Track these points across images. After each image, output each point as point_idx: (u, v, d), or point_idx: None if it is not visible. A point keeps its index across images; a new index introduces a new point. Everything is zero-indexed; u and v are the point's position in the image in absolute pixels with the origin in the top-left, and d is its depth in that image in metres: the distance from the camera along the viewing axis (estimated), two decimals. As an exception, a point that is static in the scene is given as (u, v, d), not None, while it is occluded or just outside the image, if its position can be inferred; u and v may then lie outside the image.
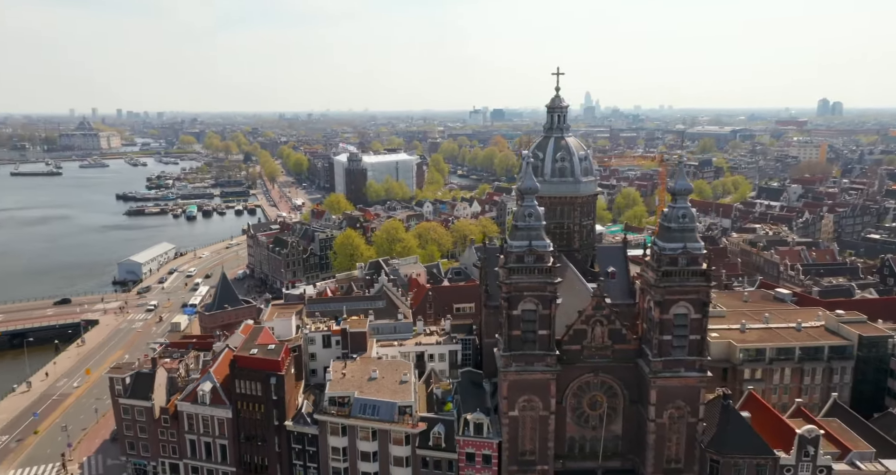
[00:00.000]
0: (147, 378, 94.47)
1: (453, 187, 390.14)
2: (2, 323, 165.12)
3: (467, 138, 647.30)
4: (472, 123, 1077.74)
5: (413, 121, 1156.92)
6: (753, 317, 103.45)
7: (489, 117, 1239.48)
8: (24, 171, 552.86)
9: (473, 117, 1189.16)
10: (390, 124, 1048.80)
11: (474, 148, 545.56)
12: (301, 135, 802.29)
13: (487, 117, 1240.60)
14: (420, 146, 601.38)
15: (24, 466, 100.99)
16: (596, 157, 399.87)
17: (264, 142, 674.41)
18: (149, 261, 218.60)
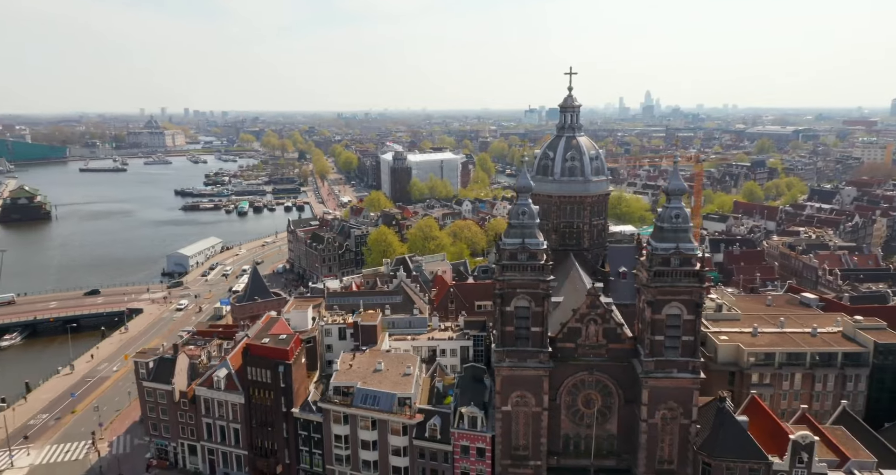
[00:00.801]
0: (169, 363, 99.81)
1: (499, 186, 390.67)
2: (56, 309, 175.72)
3: (518, 137, 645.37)
4: (527, 122, 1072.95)
5: (467, 120, 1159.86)
6: (770, 321, 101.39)
7: (545, 116, 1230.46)
8: (92, 167, 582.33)
9: (529, 116, 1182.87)
10: (444, 123, 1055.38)
11: (523, 147, 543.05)
12: (356, 134, 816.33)
13: (543, 116, 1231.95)
14: (470, 145, 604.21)
15: (59, 442, 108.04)
16: (627, 158, 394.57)
17: (319, 140, 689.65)
18: (195, 254, 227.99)
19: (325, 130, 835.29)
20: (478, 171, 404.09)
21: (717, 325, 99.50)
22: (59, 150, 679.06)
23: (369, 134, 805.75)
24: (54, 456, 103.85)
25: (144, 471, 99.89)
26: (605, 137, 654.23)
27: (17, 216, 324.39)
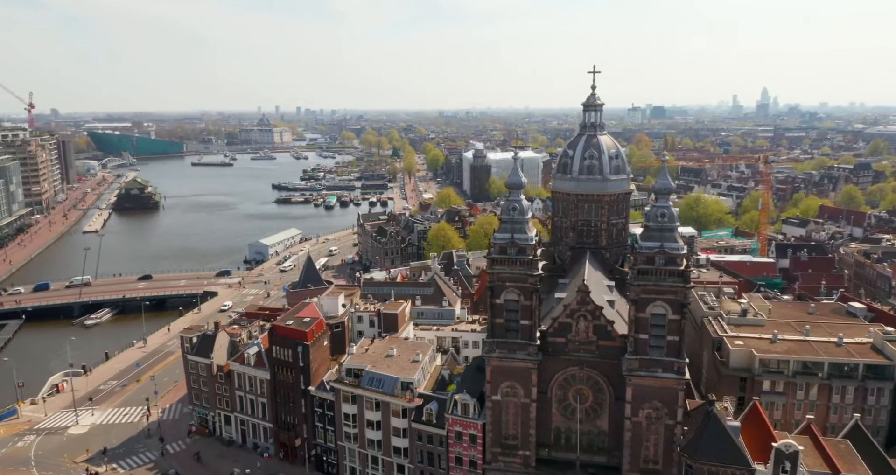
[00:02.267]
0: (209, 340, 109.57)
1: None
2: (144, 289, 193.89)
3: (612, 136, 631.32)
4: (628, 121, 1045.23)
5: (567, 118, 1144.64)
6: (796, 328, 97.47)
7: (648, 115, 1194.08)
8: (203, 161, 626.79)
9: (631, 115, 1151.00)
10: (543, 122, 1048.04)
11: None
12: (451, 132, 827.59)
13: (647, 115, 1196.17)
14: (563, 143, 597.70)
15: (121, 406, 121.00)
16: (694, 158, 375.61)
17: (414, 138, 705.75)
18: (275, 244, 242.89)
19: (422, 128, 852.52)
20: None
21: (739, 330, 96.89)
22: (177, 146, 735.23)
23: (465, 132, 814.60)
24: (114, 417, 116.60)
25: (186, 436, 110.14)
26: (706, 137, 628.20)
27: (129, 205, 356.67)
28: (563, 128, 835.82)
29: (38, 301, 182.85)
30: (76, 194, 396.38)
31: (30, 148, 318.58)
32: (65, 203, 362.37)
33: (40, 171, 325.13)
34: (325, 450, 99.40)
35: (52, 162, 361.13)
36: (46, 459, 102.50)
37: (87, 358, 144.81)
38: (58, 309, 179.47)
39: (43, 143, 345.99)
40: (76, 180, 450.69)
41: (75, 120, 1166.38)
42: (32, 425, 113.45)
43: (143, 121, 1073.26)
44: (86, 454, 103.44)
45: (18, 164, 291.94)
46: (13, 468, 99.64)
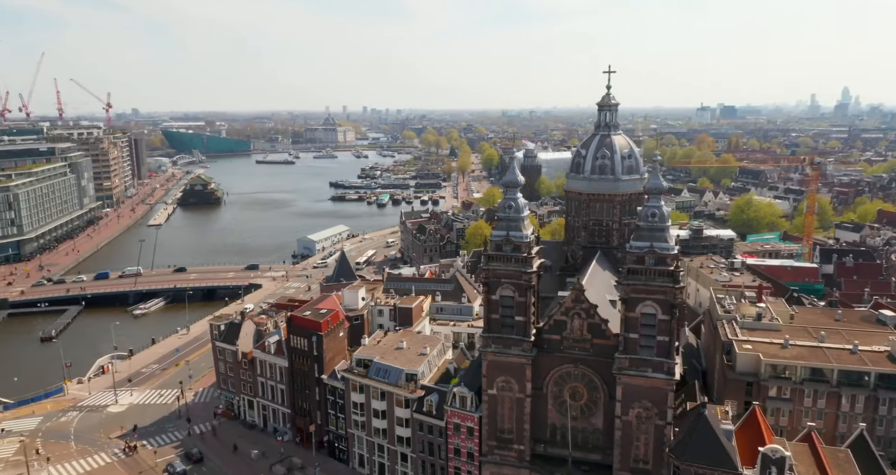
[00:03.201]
0: (236, 328, 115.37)
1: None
2: (195, 280, 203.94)
3: (675, 136, 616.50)
4: (696, 121, 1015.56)
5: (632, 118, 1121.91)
6: (812, 334, 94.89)
7: (718, 114, 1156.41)
8: (267, 159, 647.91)
9: (699, 115, 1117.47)
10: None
11: (673, 146, 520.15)
12: (512, 131, 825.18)
13: (716, 114, 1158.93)
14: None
15: (159, 388, 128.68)
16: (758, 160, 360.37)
17: (472, 138, 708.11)
18: (322, 240, 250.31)
19: (482, 128, 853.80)
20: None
21: (751, 334, 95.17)
22: (245, 144, 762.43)
23: (525, 132, 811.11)
24: (150, 398, 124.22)
25: (213, 418, 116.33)
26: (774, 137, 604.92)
27: (193, 200, 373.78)
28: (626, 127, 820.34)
29: (97, 289, 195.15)
30: (146, 189, 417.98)
31: (102, 145, 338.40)
32: (134, 197, 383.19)
33: (111, 167, 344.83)
34: (336, 437, 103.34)
35: (124, 158, 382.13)
36: (84, 434, 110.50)
37: (136, 342, 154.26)
38: (114, 296, 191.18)
39: (115, 140, 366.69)
40: (147, 176, 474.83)
41: (154, 119, 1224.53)
42: (76, 402, 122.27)
43: (217, 120, 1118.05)
44: (120, 430, 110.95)
45: (90, 161, 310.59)
46: (54, 440, 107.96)
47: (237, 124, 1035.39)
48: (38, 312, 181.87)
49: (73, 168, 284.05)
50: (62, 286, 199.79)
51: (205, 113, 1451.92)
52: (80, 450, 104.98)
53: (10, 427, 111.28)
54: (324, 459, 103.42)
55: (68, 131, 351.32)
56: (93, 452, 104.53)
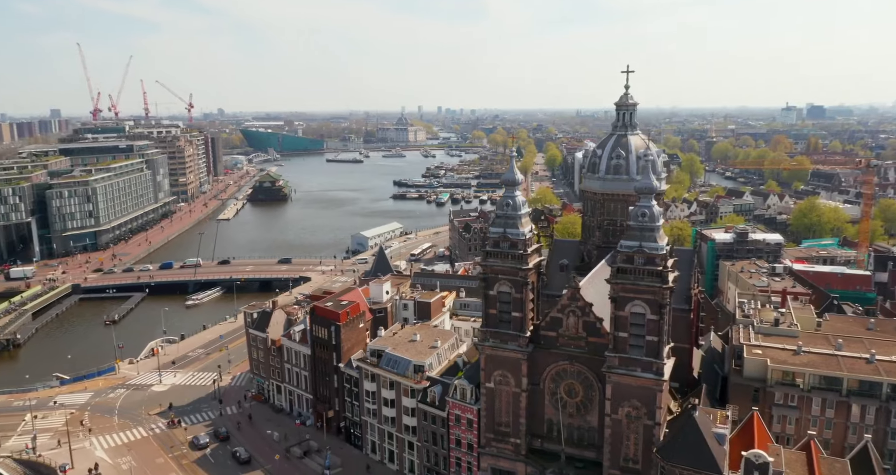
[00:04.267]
0: (266, 316, 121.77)
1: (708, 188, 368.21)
2: (251, 272, 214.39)
3: (752, 138, 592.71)
4: (781, 121, 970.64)
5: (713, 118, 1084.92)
6: (831, 342, 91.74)
7: (805, 115, 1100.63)
8: (338, 158, 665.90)
9: (784, 115, 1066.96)
10: (684, 121, 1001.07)
11: (747, 148, 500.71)
12: (583, 131, 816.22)
13: (803, 114, 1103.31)
14: (696, 145, 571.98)
15: (202, 371, 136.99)
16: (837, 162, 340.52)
17: (541, 138, 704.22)
18: (375, 236, 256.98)
19: (553, 128, 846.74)
20: (680, 171, 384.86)
21: (767, 340, 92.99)
22: (318, 143, 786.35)
23: (598, 132, 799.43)
24: (191, 380, 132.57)
25: (244, 401, 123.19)
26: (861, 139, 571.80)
27: (262, 196, 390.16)
28: (703, 128, 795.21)
29: (161, 277, 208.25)
30: (220, 186, 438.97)
31: (179, 143, 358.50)
32: (208, 193, 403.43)
33: (187, 164, 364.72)
34: (352, 423, 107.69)
35: (199, 156, 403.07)
36: (128, 410, 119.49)
37: (188, 328, 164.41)
38: (175, 285, 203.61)
39: (191, 139, 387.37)
40: (223, 173, 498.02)
41: (237, 119, 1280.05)
42: (125, 381, 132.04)
43: (296, 120, 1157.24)
44: (159, 408, 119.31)
45: (166, 158, 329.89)
46: (100, 414, 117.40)
47: (314, 124, 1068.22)
48: (106, 298, 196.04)
49: (149, 164, 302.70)
50: (130, 274, 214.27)
51: (286, 113, 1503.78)
52: (121, 425, 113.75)
53: (64, 400, 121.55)
54: (340, 444, 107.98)
55: (148, 130, 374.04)
56: (132, 427, 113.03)
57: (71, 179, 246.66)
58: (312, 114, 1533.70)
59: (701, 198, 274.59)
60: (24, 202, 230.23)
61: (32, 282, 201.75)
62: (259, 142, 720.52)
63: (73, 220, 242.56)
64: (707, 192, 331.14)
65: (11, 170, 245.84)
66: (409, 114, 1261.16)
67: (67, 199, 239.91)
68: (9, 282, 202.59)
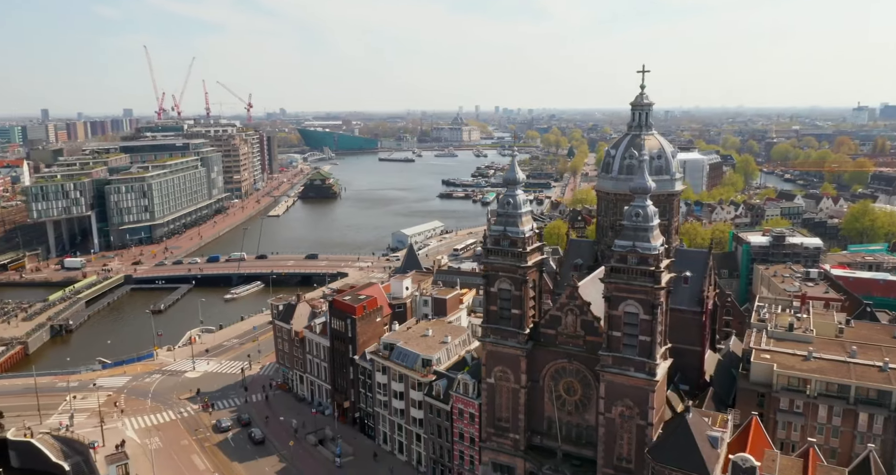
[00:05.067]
0: (291, 308, 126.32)
1: (762, 189, 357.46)
2: (292, 266, 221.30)
3: (815, 139, 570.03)
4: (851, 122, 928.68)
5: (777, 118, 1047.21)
6: (846, 348, 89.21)
7: (878, 114, 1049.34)
8: (389, 157, 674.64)
9: (855, 115, 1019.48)
10: (748, 122, 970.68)
11: (808, 149, 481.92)
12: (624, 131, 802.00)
13: (875, 114, 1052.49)
14: (756, 146, 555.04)
15: (233, 360, 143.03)
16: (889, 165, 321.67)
17: (595, 138, 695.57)
18: (415, 234, 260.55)
19: (608, 128, 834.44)
20: (734, 173, 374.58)
21: (779, 345, 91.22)
22: (372, 142, 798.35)
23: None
24: (222, 368, 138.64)
25: (269, 389, 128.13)
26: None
27: (312, 194, 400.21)
28: (765, 128, 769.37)
29: (207, 270, 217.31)
30: (273, 183, 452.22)
31: (234, 141, 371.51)
32: (262, 190, 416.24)
33: (241, 162, 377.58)
34: (366, 414, 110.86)
35: (254, 154, 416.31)
36: (161, 394, 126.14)
37: (227, 319, 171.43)
38: (220, 277, 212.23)
39: (247, 138, 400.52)
40: (278, 171, 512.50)
41: (298, 118, 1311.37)
42: (161, 367, 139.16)
43: (355, 119, 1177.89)
44: (189, 393, 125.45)
45: (220, 156, 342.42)
46: (134, 397, 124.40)
47: (371, 123, 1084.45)
48: (155, 288, 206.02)
49: (204, 162, 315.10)
50: (179, 266, 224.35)
51: (345, 113, 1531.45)
52: (153, 407, 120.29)
53: (103, 383, 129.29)
54: (354, 434, 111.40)
55: (206, 129, 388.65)
56: (163, 410, 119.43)
57: (128, 175, 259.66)
58: (371, 113, 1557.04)
59: (750, 200, 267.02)
60: (84, 197, 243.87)
61: (89, 272, 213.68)
62: (315, 141, 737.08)
63: (130, 214, 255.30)
64: (757, 195, 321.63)
65: (74, 166, 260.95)
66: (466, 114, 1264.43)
67: (125, 195, 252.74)
68: (65, 272, 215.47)
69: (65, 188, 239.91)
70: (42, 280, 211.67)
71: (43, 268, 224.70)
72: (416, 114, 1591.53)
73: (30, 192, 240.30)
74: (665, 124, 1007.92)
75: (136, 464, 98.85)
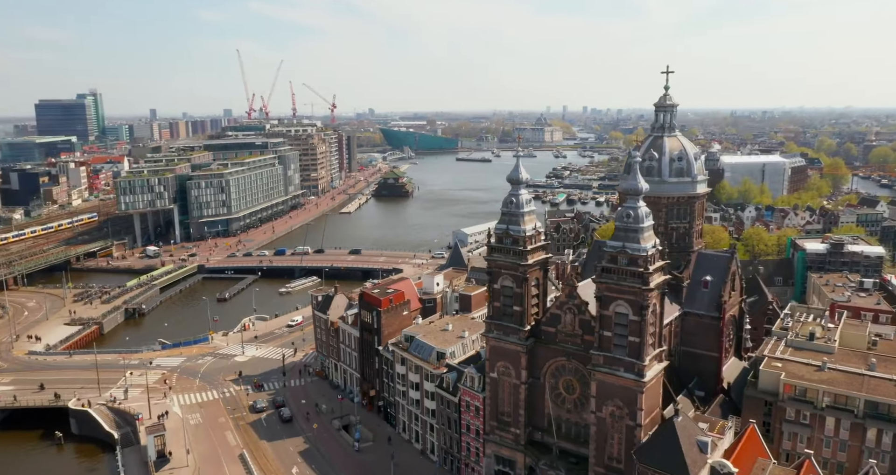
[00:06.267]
0: (329, 299, 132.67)
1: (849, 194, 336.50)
2: (352, 261, 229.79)
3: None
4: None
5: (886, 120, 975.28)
6: (867, 361, 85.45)
7: None
8: (466, 157, 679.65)
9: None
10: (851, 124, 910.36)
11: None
12: (730, 133, 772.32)
13: None
14: (854, 149, 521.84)
15: (280, 347, 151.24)
16: None
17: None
18: (475, 234, 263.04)
19: (696, 129, 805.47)
20: (819, 177, 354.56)
21: (796, 354, 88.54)
22: (452, 142, 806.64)
23: (746, 134, 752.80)
24: (268, 354, 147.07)
25: (307, 376, 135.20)
26: None
27: (385, 192, 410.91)
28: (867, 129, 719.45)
29: (273, 262, 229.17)
30: (351, 181, 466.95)
31: (312, 141, 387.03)
32: (338, 188, 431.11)
33: (318, 160, 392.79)
34: (388, 403, 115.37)
35: (332, 153, 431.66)
36: (209, 375, 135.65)
37: (284, 308, 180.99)
38: (283, 270, 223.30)
39: (325, 137, 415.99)
40: (357, 169, 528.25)
41: (386, 118, 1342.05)
42: (214, 350, 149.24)
43: (440, 119, 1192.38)
44: (234, 375, 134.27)
45: (297, 154, 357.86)
46: (185, 376, 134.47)
47: (455, 123, 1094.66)
48: (224, 278, 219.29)
49: (281, 160, 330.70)
50: (248, 258, 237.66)
51: (431, 113, 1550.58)
52: (200, 386, 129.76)
53: (160, 362, 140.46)
54: (378, 421, 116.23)
55: (287, 128, 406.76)
56: (208, 389, 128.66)
57: (208, 172, 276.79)
58: (456, 113, 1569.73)
59: (827, 205, 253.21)
60: (167, 191, 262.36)
61: (166, 261, 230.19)
62: (397, 140, 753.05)
63: (208, 208, 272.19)
64: (838, 200, 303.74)
65: (160, 162, 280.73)
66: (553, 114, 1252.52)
67: (204, 190, 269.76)
68: (146, 260, 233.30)
69: (150, 183, 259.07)
70: (125, 267, 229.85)
71: (128, 257, 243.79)
72: (502, 114, 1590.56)
73: (118, 186, 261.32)
74: (759, 125, 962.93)
75: (175, 436, 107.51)
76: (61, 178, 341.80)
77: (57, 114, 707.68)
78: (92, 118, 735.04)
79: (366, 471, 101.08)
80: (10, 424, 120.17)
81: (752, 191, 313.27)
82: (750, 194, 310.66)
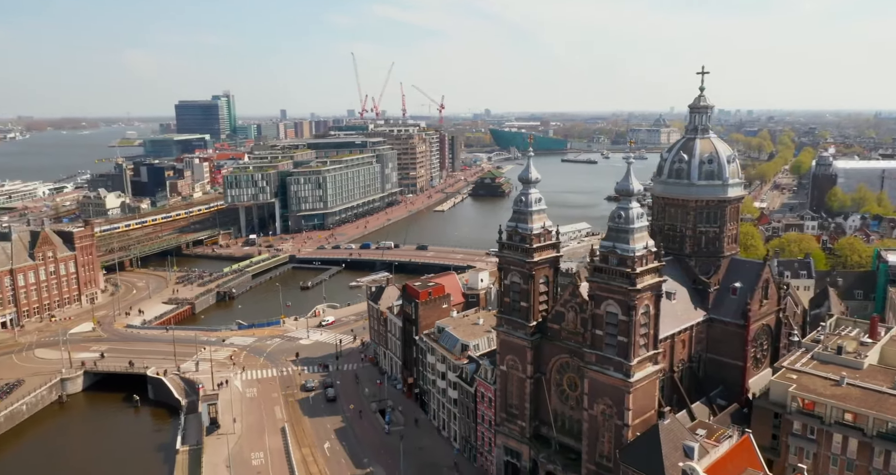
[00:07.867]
0: (381, 290, 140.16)
1: None
2: (432, 257, 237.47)
3: None
4: None
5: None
6: (894, 379, 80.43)
7: None
8: (575, 158, 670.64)
9: None
10: None
11: None
12: (867, 136, 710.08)
13: None
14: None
15: (343, 334, 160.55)
16: None
17: (806, 142, 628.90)
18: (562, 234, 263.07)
19: (826, 131, 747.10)
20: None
21: (822, 367, 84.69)
22: (561, 143, 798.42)
23: (885, 137, 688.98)
24: (330, 339, 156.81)
25: (359, 361, 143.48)
26: None
27: (482, 192, 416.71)
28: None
29: (356, 256, 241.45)
30: (451, 180, 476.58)
31: (411, 140, 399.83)
32: (437, 187, 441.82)
33: (417, 160, 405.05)
34: (423, 391, 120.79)
35: (432, 153, 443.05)
36: (274, 355, 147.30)
37: (356, 298, 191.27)
38: (365, 263, 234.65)
39: (426, 137, 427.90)
40: (460, 169, 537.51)
41: (502, 118, 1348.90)
42: (283, 333, 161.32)
43: (556, 120, 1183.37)
44: (295, 356, 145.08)
45: (396, 153, 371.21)
46: (252, 354, 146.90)
47: (568, 124, 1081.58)
48: (311, 268, 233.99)
49: (378, 159, 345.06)
50: (336, 251, 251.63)
51: (549, 113, 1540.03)
52: (263, 364, 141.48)
53: (233, 341, 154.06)
54: (415, 408, 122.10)
55: (389, 128, 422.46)
56: (269, 367, 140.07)
57: (307, 169, 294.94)
58: (574, 114, 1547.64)
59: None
60: (270, 186, 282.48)
61: (263, 250, 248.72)
62: (505, 141, 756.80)
63: (306, 202, 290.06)
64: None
65: (265, 159, 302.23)
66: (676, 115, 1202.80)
67: (302, 185, 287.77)
68: (247, 249, 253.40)
69: (254, 178, 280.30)
70: (227, 254, 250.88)
71: (231, 246, 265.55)
72: (622, 114, 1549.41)
73: (225, 180, 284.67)
74: (874, 125, 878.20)
75: (229, 406, 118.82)
76: (186, 173, 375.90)
77: (195, 113, 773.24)
78: (224, 118, 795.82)
79: (391, 452, 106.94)
80: (100, 387, 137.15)
81: (867, 198, 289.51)
82: (864, 202, 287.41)
